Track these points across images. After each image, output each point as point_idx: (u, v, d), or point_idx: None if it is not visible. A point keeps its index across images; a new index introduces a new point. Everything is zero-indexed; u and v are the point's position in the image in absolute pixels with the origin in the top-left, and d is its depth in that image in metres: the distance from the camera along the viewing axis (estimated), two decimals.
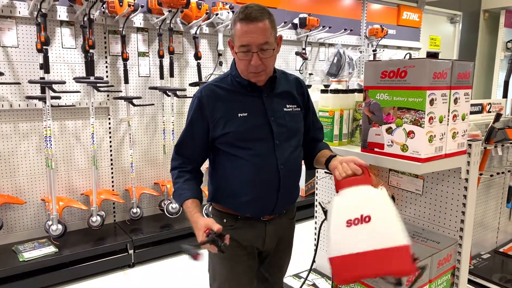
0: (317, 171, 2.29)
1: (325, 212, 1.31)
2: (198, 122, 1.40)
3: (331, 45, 4.70)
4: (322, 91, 1.77)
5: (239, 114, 1.38)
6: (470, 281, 2.14)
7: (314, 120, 1.60)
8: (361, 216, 1.18)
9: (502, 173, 2.24)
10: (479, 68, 6.76)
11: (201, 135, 1.41)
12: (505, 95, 3.90)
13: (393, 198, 1.25)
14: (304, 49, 4.34)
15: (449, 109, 1.44)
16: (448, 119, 1.44)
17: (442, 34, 6.34)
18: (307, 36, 4.30)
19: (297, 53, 4.30)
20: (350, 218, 1.19)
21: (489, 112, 2.44)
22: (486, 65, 6.81)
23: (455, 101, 1.46)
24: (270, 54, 1.34)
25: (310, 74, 4.50)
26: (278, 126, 1.42)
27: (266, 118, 1.41)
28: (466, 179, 1.58)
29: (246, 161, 1.38)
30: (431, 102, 1.37)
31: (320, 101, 1.77)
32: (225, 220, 1.46)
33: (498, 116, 2.12)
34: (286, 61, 4.35)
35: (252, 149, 1.39)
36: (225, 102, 1.39)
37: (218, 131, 1.39)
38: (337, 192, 1.30)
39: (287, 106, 1.47)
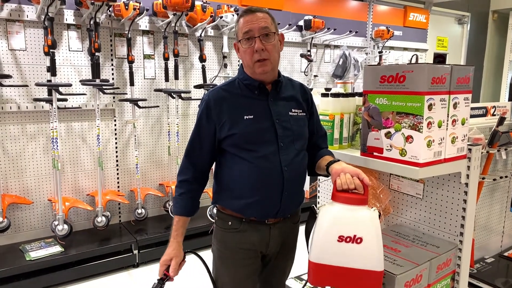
0: None
1: (315, 217, 1.32)
2: (205, 125, 1.43)
3: (336, 46, 4.69)
4: (323, 95, 1.77)
5: (245, 116, 1.41)
6: (473, 285, 2.13)
7: (317, 127, 1.62)
8: (354, 236, 1.24)
9: (506, 177, 2.22)
10: (487, 70, 6.69)
11: (209, 138, 1.44)
12: (510, 98, 3.85)
13: (379, 215, 1.31)
14: (309, 51, 4.35)
15: (448, 114, 1.44)
16: (447, 124, 1.44)
17: (450, 35, 6.29)
18: (312, 38, 4.31)
19: (302, 55, 4.30)
20: (343, 234, 1.24)
21: (493, 115, 2.41)
22: (495, 66, 6.73)
23: (455, 106, 1.46)
24: (272, 39, 1.40)
25: (315, 76, 4.50)
26: (282, 129, 1.44)
27: (271, 121, 1.43)
28: (466, 184, 1.57)
29: (250, 163, 1.41)
30: (430, 107, 1.36)
31: (320, 104, 1.78)
32: (229, 223, 1.48)
33: (501, 120, 2.10)
34: (291, 63, 4.36)
35: (256, 151, 1.41)
36: (231, 104, 1.43)
37: (224, 132, 1.41)
38: (332, 199, 1.31)
39: (293, 110, 1.50)
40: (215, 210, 1.57)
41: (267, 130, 1.42)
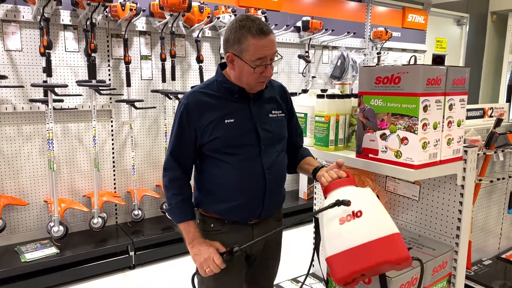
0: None
1: (316, 220, 1.31)
2: (186, 130, 1.41)
3: (334, 48, 4.69)
4: (318, 96, 1.76)
5: (226, 120, 1.40)
6: None
7: (296, 126, 1.64)
8: (353, 212, 1.21)
9: (503, 178, 2.21)
10: (486, 71, 6.68)
11: (190, 143, 1.43)
12: (508, 100, 3.84)
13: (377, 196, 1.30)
14: (307, 52, 4.34)
15: (443, 116, 1.43)
16: (442, 125, 1.43)
17: (449, 36, 6.29)
18: (310, 39, 4.30)
19: (299, 56, 4.30)
20: (342, 215, 1.22)
21: (491, 116, 2.41)
22: (494, 68, 6.73)
23: (450, 107, 1.45)
24: (277, 62, 1.40)
25: (313, 77, 4.49)
26: (264, 132, 1.44)
27: (253, 124, 1.43)
28: (462, 186, 1.56)
29: (232, 166, 1.41)
30: (425, 108, 1.35)
31: (316, 106, 1.77)
32: (212, 225, 1.48)
33: (498, 121, 2.09)
34: (289, 64, 4.35)
35: (238, 155, 1.41)
36: (211, 108, 1.41)
37: (205, 137, 1.40)
38: (325, 197, 1.34)
39: (273, 112, 1.50)
40: (197, 214, 1.57)
41: (249, 133, 1.42)
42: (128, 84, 3.25)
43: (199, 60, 3.50)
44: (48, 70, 2.78)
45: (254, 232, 1.49)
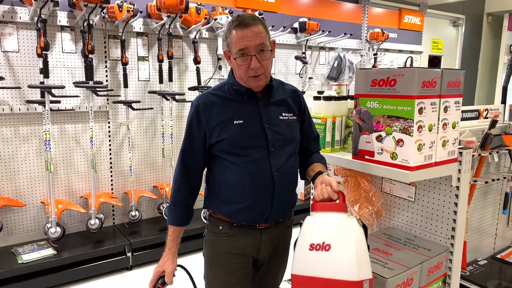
0: None
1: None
2: (196, 131, 1.43)
3: (331, 49, 4.71)
4: (315, 98, 1.77)
5: (235, 121, 1.40)
6: None
7: (309, 130, 1.61)
8: (323, 243, 1.19)
9: (498, 179, 2.23)
10: (482, 72, 6.72)
11: (200, 144, 1.44)
12: (503, 101, 3.87)
13: (364, 227, 1.26)
14: (304, 53, 4.35)
15: (438, 118, 1.44)
16: (437, 127, 1.44)
17: (445, 37, 6.32)
18: (307, 40, 4.32)
19: (296, 57, 4.31)
20: (313, 242, 1.20)
21: (486, 118, 2.43)
22: (489, 69, 6.77)
23: (445, 109, 1.46)
24: (268, 55, 1.38)
25: (310, 78, 4.50)
26: (273, 134, 1.44)
27: (262, 126, 1.43)
28: (457, 187, 1.58)
29: (240, 167, 1.40)
30: (420, 110, 1.37)
31: (312, 108, 1.77)
32: (220, 228, 1.48)
33: (493, 123, 2.11)
34: (286, 65, 4.37)
35: (247, 156, 1.40)
36: (221, 109, 1.42)
37: (214, 138, 1.41)
38: (311, 210, 1.32)
39: (283, 114, 1.49)
40: (207, 214, 1.57)
41: (257, 135, 1.42)
42: (125, 85, 3.25)
43: (196, 61, 3.51)
44: (45, 71, 2.77)
45: (262, 237, 1.48)
